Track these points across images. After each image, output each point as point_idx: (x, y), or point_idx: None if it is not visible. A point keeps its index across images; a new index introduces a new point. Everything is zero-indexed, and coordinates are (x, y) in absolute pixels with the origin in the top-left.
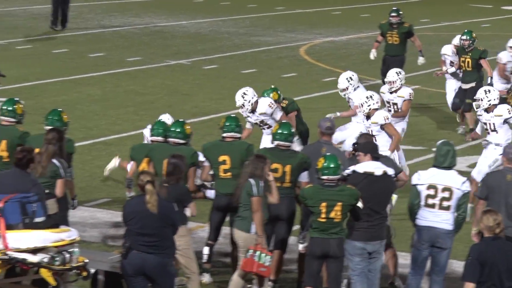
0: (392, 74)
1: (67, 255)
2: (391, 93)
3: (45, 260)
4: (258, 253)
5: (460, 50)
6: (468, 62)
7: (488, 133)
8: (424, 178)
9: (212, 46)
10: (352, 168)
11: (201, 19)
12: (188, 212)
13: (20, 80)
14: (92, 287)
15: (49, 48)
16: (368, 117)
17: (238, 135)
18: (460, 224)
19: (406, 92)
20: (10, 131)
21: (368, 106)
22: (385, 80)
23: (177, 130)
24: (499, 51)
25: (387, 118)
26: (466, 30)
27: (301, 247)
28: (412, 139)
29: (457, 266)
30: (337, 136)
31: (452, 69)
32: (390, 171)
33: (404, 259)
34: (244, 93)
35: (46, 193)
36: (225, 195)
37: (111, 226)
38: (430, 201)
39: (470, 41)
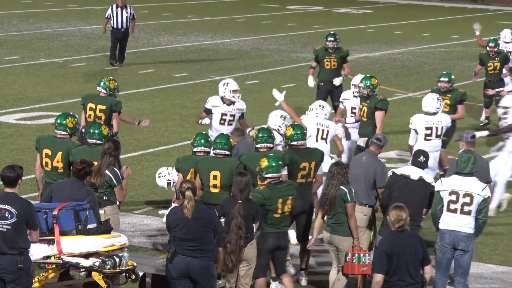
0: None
1: (117, 259)
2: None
3: (97, 264)
4: (356, 255)
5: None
6: (364, 111)
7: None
8: (447, 185)
9: (254, 63)
10: (393, 170)
11: (244, 37)
12: (255, 226)
13: (74, 96)
14: None
15: (101, 65)
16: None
17: (271, 145)
18: (481, 227)
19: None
20: (65, 143)
21: None
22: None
23: (222, 142)
24: None
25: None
26: (366, 75)
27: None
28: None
29: (484, 268)
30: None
31: (352, 119)
32: (428, 178)
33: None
34: None
35: (105, 200)
36: None
37: (158, 232)
38: (452, 206)
39: (369, 89)
